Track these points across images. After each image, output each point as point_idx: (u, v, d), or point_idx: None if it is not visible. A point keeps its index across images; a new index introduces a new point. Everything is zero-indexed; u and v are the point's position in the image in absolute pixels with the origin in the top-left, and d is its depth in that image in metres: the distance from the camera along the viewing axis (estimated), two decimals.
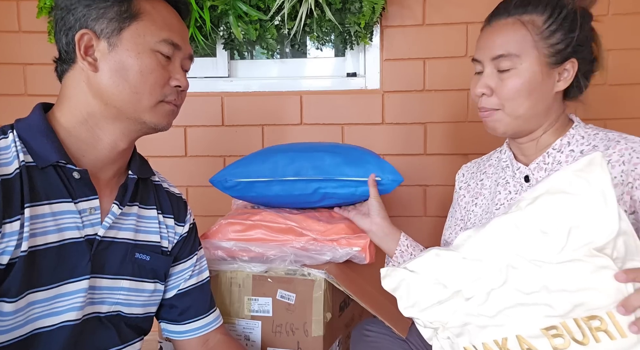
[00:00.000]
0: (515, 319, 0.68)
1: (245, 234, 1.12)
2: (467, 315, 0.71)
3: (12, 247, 0.68)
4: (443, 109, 1.63)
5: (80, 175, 0.77)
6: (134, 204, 0.87)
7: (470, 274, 0.71)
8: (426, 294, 0.74)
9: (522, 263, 0.67)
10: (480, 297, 0.70)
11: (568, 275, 0.65)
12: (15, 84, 1.70)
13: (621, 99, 1.57)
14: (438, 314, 0.73)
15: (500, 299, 0.69)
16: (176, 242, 0.93)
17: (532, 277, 0.67)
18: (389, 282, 0.77)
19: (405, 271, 0.76)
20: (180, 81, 0.81)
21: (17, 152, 0.72)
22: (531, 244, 0.67)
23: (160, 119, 0.82)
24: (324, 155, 1.12)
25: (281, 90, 1.69)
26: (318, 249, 1.08)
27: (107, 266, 0.80)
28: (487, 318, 0.69)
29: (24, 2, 1.68)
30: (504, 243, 0.69)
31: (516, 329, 0.68)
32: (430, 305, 0.74)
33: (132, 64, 0.76)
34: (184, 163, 1.72)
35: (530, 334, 0.67)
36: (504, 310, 0.68)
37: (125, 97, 0.77)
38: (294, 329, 1.04)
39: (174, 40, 0.80)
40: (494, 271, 0.69)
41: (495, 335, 0.69)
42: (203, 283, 0.98)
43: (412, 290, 0.75)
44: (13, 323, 0.69)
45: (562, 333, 0.65)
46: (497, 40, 0.88)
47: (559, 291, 0.65)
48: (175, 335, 0.96)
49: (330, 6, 1.50)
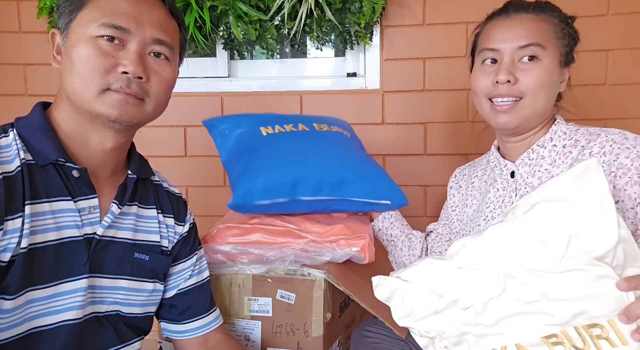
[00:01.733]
0: (514, 327, 0.67)
1: (243, 237, 1.12)
2: (465, 324, 0.70)
3: (13, 244, 0.68)
4: (443, 109, 1.63)
5: (80, 173, 0.77)
6: (133, 203, 0.87)
7: (467, 283, 0.69)
8: (422, 304, 0.72)
9: (521, 272, 0.66)
10: (478, 306, 0.69)
11: (568, 285, 0.64)
12: (15, 84, 1.70)
13: (621, 99, 1.57)
14: (435, 323, 0.72)
15: (498, 308, 0.68)
16: (176, 241, 0.93)
17: (531, 286, 0.66)
18: (381, 292, 0.76)
19: (398, 281, 0.74)
20: (127, 67, 0.74)
21: (18, 150, 0.73)
22: (529, 253, 0.66)
23: (108, 109, 0.75)
24: (339, 173, 1.10)
25: (281, 90, 1.68)
26: (317, 250, 1.08)
27: (105, 265, 0.80)
28: (486, 327, 0.68)
29: (24, 2, 1.68)
30: (501, 252, 0.68)
31: (516, 337, 0.67)
32: (427, 315, 0.72)
33: (75, 54, 0.74)
34: (184, 163, 1.72)
35: (530, 342, 0.66)
36: (503, 319, 0.67)
37: (75, 89, 0.74)
38: (294, 329, 1.04)
39: (116, 23, 0.74)
40: (492, 280, 0.68)
41: (494, 344, 0.68)
42: (203, 283, 0.98)
43: (406, 299, 0.73)
44: (12, 321, 0.69)
45: (562, 341, 0.64)
46: (524, 30, 0.89)
47: (559, 300, 0.64)
48: (175, 335, 0.96)
49: (330, 6, 1.50)
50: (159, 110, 0.83)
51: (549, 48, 0.88)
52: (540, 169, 0.93)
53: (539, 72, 0.88)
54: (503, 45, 0.90)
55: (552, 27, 0.90)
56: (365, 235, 1.11)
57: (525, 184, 0.94)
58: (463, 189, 1.13)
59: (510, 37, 0.90)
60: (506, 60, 0.90)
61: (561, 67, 0.91)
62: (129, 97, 0.76)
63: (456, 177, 1.17)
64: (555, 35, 0.89)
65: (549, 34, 0.89)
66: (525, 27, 0.89)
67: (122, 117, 0.76)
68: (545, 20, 0.90)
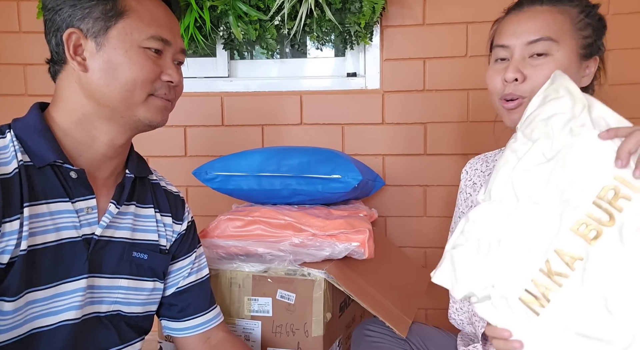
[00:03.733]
0: (546, 236, 0.65)
1: (244, 229, 1.13)
2: (508, 259, 0.67)
3: (12, 246, 0.68)
4: (443, 109, 1.63)
5: (77, 175, 0.77)
6: (131, 203, 0.87)
7: (494, 216, 0.69)
8: (473, 260, 0.69)
9: (529, 177, 0.67)
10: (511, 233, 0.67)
11: (568, 164, 0.65)
12: (15, 84, 1.70)
13: (621, 99, 1.57)
14: (488, 270, 0.68)
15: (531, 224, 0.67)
16: (174, 240, 0.93)
17: (540, 182, 0.66)
18: (441, 278, 0.71)
19: (450, 254, 0.71)
20: (172, 76, 0.80)
21: (15, 152, 0.72)
22: (528, 156, 0.68)
23: (153, 115, 0.80)
24: (295, 155, 1.22)
25: (281, 90, 1.68)
26: (317, 244, 1.08)
27: (104, 265, 0.80)
28: (525, 249, 0.66)
29: (24, 2, 1.68)
30: (513, 175, 0.68)
31: (552, 245, 0.65)
32: (478, 265, 0.69)
33: (121, 63, 0.75)
34: (184, 163, 1.71)
35: (564, 242, 0.64)
36: (534, 232, 0.66)
37: (116, 96, 0.76)
38: (294, 329, 1.04)
39: (162, 36, 0.78)
40: (511, 203, 0.68)
41: (538, 263, 0.66)
42: (202, 280, 0.98)
43: (460, 265, 0.69)
44: (12, 322, 0.69)
45: (589, 222, 0.63)
46: (535, 24, 0.85)
47: (569, 183, 0.65)
48: (175, 333, 0.96)
49: (330, 6, 1.50)
50: None
51: (564, 42, 0.83)
52: None
53: (550, 68, 0.82)
54: (513, 40, 0.86)
55: (569, 18, 0.85)
56: (365, 230, 1.11)
57: None
58: (477, 185, 1.06)
59: (520, 31, 0.86)
60: (516, 56, 0.86)
61: (580, 61, 0.85)
62: (169, 104, 0.83)
63: (468, 174, 1.09)
64: (573, 27, 0.84)
65: (565, 26, 0.84)
66: (537, 20, 0.85)
67: (163, 122, 0.83)
68: (561, 12, 0.85)
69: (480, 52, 1.59)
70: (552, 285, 0.64)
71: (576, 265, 0.64)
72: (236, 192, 1.26)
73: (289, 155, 1.24)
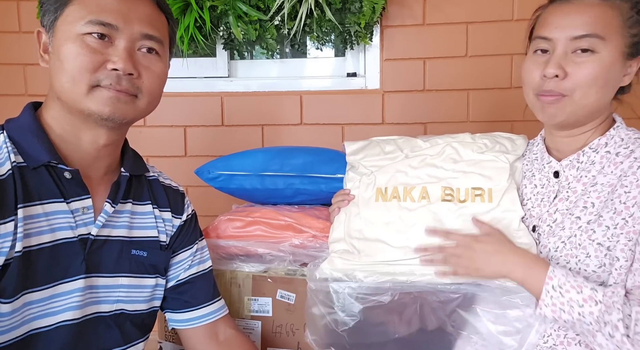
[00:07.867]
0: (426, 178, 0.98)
1: (244, 230, 1.13)
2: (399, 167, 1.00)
3: (6, 248, 0.68)
4: (444, 109, 1.63)
5: (72, 175, 0.76)
6: (127, 201, 0.86)
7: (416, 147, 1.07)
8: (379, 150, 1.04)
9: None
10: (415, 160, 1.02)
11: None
12: (15, 84, 1.70)
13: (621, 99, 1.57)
14: (381, 161, 1.02)
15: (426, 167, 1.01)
16: (174, 233, 0.93)
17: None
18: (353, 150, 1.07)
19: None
20: (116, 63, 0.73)
21: (9, 153, 0.72)
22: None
23: (99, 106, 0.74)
24: (299, 154, 1.23)
25: (281, 90, 1.68)
26: (317, 246, 1.08)
27: (103, 265, 0.80)
28: (411, 169, 0.99)
29: (24, 2, 1.68)
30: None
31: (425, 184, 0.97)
32: (379, 155, 1.03)
33: (63, 53, 0.73)
34: (184, 163, 1.71)
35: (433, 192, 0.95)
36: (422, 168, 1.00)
37: (65, 89, 0.73)
38: (294, 329, 1.04)
39: (103, 20, 0.73)
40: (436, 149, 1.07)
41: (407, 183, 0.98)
42: (205, 272, 0.97)
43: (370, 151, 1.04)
44: (10, 324, 0.69)
45: (452, 193, 0.94)
46: (583, 18, 0.79)
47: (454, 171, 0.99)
48: (180, 324, 0.94)
49: (330, 6, 1.50)
50: (153, 105, 0.82)
51: (611, 39, 0.78)
52: (587, 175, 0.84)
53: (594, 66, 0.78)
54: (557, 33, 0.81)
55: (619, 14, 0.79)
56: None
57: (569, 188, 0.86)
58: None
59: (566, 24, 0.80)
60: (558, 51, 0.81)
61: (625, 59, 0.80)
62: (120, 95, 0.75)
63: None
64: (622, 24, 0.79)
65: (614, 22, 0.78)
66: (585, 14, 0.79)
67: (114, 115, 0.75)
68: (612, 6, 0.79)
69: (481, 52, 1.60)
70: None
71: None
72: (239, 192, 1.25)
73: (293, 154, 1.24)
